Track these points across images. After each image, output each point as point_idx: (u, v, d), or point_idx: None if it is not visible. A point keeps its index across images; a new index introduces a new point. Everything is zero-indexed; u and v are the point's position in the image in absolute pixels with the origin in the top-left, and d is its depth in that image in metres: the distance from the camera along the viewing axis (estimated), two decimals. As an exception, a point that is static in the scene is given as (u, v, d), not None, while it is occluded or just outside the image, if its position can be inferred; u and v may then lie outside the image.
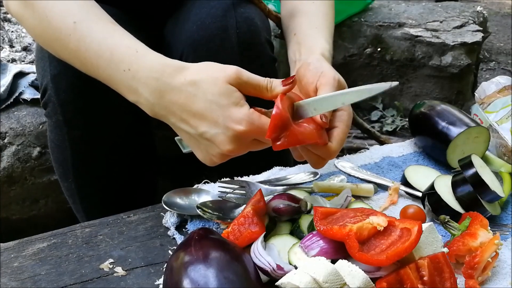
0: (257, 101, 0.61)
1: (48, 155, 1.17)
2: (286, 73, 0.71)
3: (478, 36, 1.66)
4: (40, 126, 1.17)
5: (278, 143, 0.57)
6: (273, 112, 0.57)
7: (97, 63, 0.61)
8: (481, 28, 1.72)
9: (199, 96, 0.57)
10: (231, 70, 0.58)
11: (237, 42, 0.81)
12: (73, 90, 0.78)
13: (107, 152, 0.85)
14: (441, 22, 1.72)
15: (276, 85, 0.60)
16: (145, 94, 0.59)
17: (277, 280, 0.56)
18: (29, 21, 0.66)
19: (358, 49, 1.66)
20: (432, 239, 0.59)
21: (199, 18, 0.82)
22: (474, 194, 0.69)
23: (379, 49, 1.67)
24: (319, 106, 0.59)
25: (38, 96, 1.20)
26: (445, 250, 0.60)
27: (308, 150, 0.63)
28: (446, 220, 0.65)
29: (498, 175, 0.76)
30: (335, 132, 0.63)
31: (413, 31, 1.66)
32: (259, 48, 0.85)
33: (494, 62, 2.24)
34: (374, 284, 0.54)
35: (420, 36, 1.65)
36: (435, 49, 1.64)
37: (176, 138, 0.67)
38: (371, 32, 1.66)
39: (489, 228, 0.64)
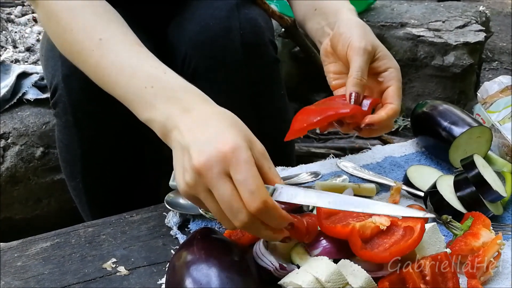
0: None
1: (51, 155, 1.18)
2: (288, 73, 0.72)
3: (481, 36, 1.66)
4: (43, 126, 1.18)
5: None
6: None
7: (116, 80, 0.60)
8: (484, 28, 1.72)
9: (212, 122, 0.52)
10: (260, 143, 0.53)
11: (241, 43, 0.81)
12: (85, 92, 0.78)
13: (116, 153, 0.85)
14: (443, 22, 1.72)
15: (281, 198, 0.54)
16: (163, 109, 0.55)
17: (279, 280, 0.56)
18: (51, 30, 0.66)
19: (360, 49, 1.66)
20: (435, 239, 0.59)
21: (202, 19, 0.82)
22: (476, 194, 0.69)
23: (381, 49, 1.66)
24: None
25: (41, 96, 1.20)
26: (448, 250, 0.60)
27: (373, 130, 0.67)
28: (448, 220, 0.65)
29: (500, 175, 0.76)
30: (390, 91, 0.65)
31: (415, 31, 1.66)
32: (263, 49, 0.85)
33: (496, 62, 2.24)
34: (376, 284, 0.54)
35: (422, 36, 1.65)
36: (437, 49, 1.64)
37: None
38: (373, 32, 1.66)
39: (491, 228, 0.64)
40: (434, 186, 0.72)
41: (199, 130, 0.52)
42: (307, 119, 0.68)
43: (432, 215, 0.58)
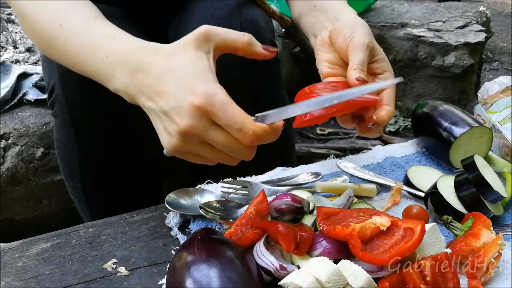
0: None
1: (52, 155, 1.18)
2: (289, 74, 0.72)
3: (481, 36, 1.66)
4: (44, 127, 1.18)
5: None
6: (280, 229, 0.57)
7: (81, 58, 0.61)
8: (484, 28, 1.72)
9: (168, 69, 0.55)
10: (199, 31, 0.56)
11: None
12: (81, 89, 0.78)
13: (114, 152, 0.85)
14: (444, 22, 1.72)
15: (256, 43, 0.59)
16: (120, 77, 0.57)
17: (279, 280, 0.56)
18: (26, 31, 0.68)
19: (361, 49, 1.66)
20: (435, 240, 0.59)
21: (203, 19, 0.82)
22: (477, 194, 0.69)
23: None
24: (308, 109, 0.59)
25: (41, 96, 1.20)
26: (448, 250, 0.60)
27: (367, 127, 0.67)
28: (449, 221, 0.65)
29: (501, 175, 0.76)
30: (386, 94, 0.66)
31: (415, 31, 1.66)
32: None
33: (497, 62, 2.24)
34: (376, 284, 0.54)
35: (422, 36, 1.65)
36: (437, 49, 1.64)
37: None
38: (373, 33, 1.64)
39: (492, 228, 0.64)
40: (434, 186, 0.72)
41: (162, 89, 0.54)
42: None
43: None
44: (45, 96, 1.19)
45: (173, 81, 0.54)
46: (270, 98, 0.89)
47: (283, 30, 1.35)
